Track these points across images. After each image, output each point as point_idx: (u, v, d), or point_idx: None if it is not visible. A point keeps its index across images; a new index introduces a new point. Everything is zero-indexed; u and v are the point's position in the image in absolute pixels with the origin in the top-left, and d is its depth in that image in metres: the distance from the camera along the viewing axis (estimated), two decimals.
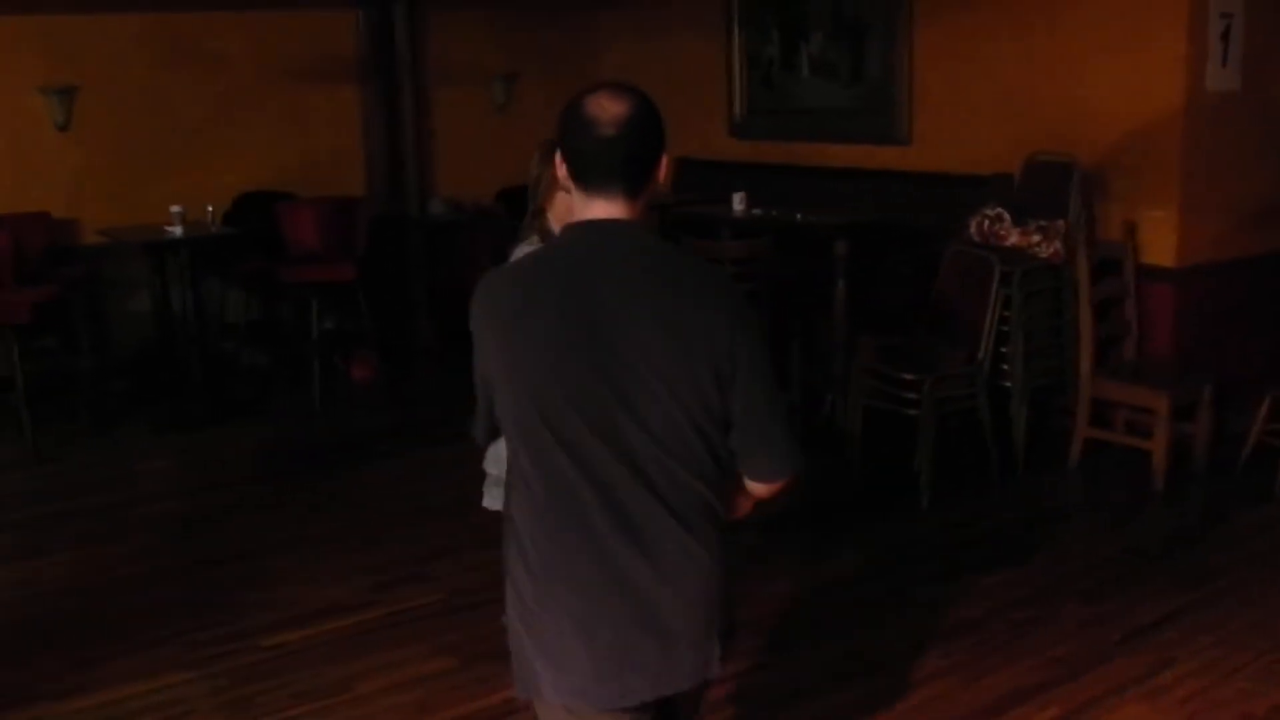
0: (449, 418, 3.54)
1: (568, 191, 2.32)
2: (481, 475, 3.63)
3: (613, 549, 2.19)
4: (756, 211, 7.20)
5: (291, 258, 7.74)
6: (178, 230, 7.16)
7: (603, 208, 2.22)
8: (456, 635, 4.37)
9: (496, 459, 3.38)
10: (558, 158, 2.28)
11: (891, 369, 5.69)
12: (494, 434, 2.40)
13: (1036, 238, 5.98)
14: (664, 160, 2.26)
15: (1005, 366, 5.94)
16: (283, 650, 4.32)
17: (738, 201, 7.28)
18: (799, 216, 6.88)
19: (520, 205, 3.81)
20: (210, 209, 7.54)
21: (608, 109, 2.18)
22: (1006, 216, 6.07)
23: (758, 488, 2.33)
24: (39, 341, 7.23)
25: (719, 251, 6.50)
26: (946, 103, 6.97)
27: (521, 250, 3.33)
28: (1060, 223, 6.00)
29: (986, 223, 6.11)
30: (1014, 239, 6.03)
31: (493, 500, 3.44)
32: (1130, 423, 6.00)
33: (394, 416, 7.33)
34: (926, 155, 7.06)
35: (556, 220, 3.38)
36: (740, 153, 8.33)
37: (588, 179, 2.22)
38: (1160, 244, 6.07)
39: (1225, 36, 5.91)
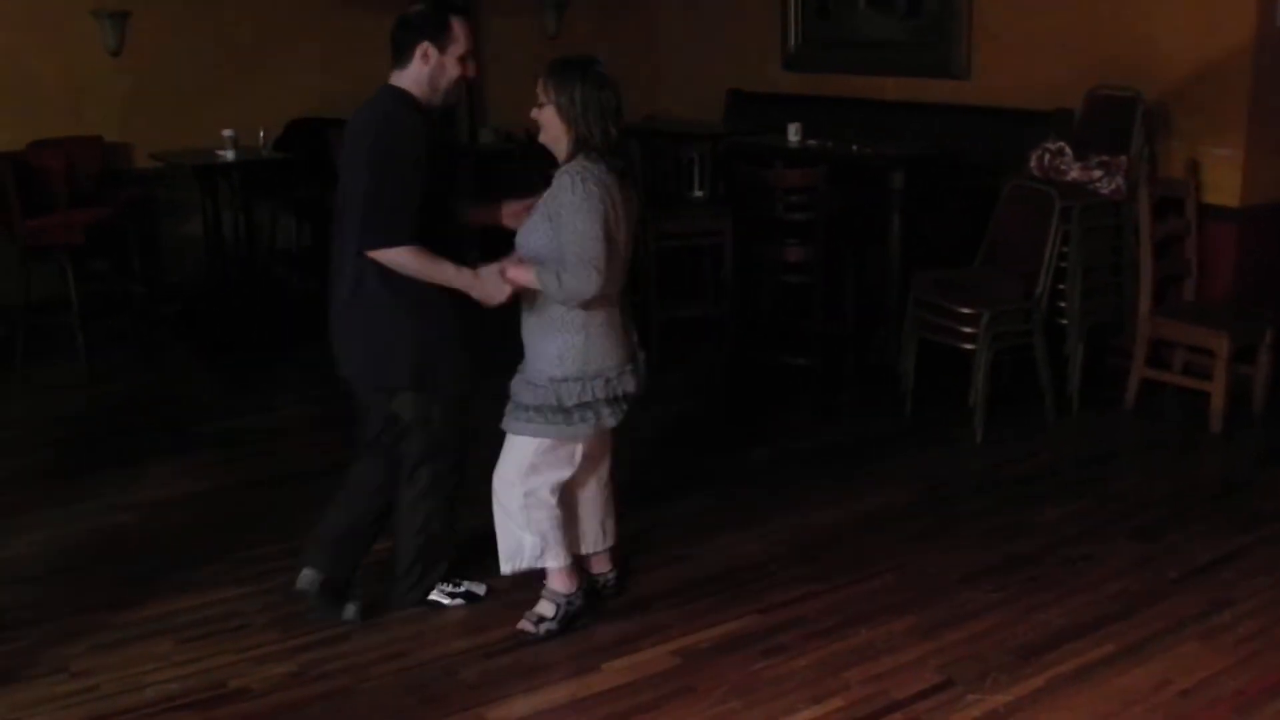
0: (497, 347, 3.58)
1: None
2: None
3: (333, 280, 3.72)
4: (812, 142, 7.10)
5: None
6: (229, 154, 7.17)
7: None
8: None
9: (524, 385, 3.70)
10: None
11: (948, 302, 5.60)
12: None
13: (1098, 173, 5.88)
14: (419, 49, 3.57)
15: (1062, 304, 5.84)
16: None
17: (793, 132, 7.18)
18: (855, 148, 6.77)
19: None
20: (262, 134, 7.54)
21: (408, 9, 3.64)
22: (1068, 151, 5.97)
23: (378, 258, 3.54)
24: (93, 264, 7.27)
25: (774, 180, 6.41)
26: (1006, 35, 6.83)
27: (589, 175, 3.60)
28: (1122, 159, 5.89)
29: (1047, 157, 6.01)
30: (1075, 174, 5.93)
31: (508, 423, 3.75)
32: (1188, 364, 5.91)
33: None
34: (985, 89, 6.93)
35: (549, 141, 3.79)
36: (794, 85, 8.22)
37: None
38: (1224, 183, 5.95)
39: None
